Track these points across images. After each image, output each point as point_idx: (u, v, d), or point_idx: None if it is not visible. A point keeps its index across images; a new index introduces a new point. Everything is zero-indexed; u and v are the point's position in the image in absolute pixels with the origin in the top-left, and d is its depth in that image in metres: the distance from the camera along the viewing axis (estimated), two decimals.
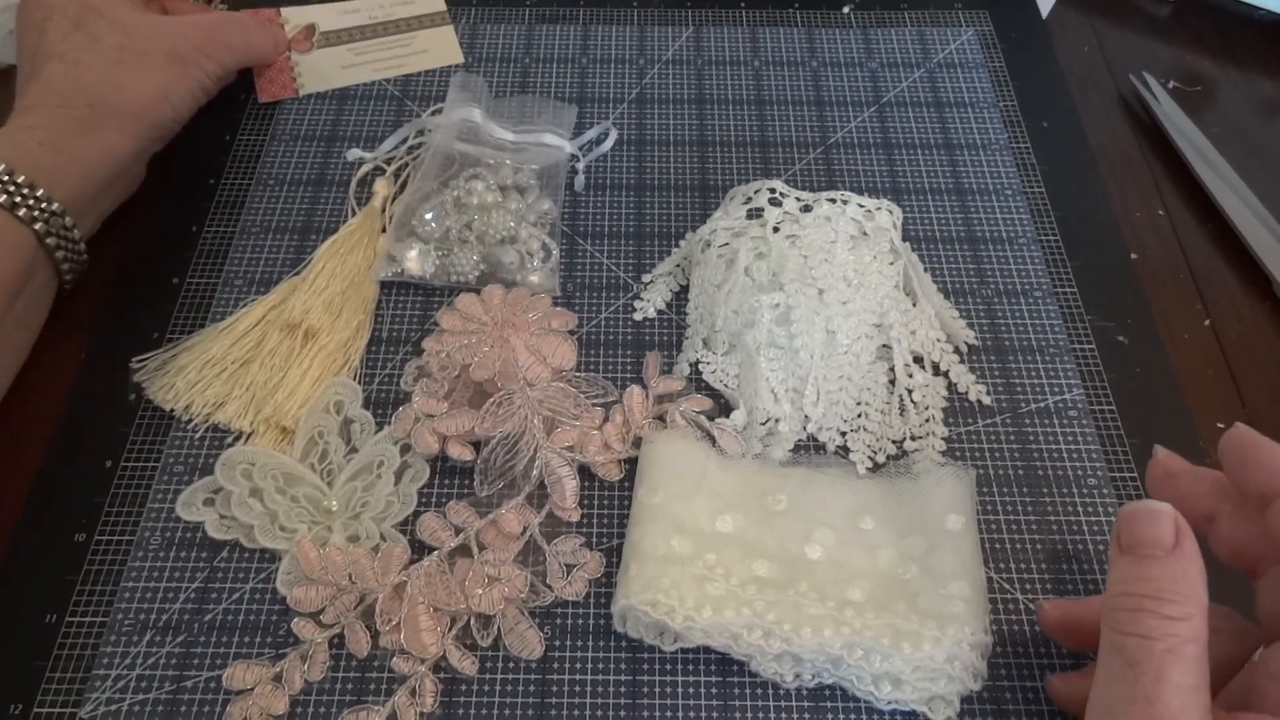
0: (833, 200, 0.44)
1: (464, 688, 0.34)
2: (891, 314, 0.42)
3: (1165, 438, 0.40)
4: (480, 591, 0.36)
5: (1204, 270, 0.48)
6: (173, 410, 0.40)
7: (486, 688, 0.34)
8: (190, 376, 0.41)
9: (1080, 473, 0.39)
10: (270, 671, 0.34)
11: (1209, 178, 0.50)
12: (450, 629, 0.35)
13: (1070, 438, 0.40)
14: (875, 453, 0.40)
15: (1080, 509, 0.38)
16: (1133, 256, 0.47)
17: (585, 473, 0.39)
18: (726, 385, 0.41)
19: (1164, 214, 0.50)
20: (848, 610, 0.34)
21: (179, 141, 0.50)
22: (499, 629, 0.35)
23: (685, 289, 0.45)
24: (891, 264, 0.43)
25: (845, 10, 0.57)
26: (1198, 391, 0.43)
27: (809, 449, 0.40)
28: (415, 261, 0.44)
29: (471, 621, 0.36)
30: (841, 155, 0.50)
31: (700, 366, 0.42)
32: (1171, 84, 0.55)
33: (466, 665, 0.35)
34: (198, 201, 0.48)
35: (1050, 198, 0.49)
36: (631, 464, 0.39)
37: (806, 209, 0.44)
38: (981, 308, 0.44)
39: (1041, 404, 0.41)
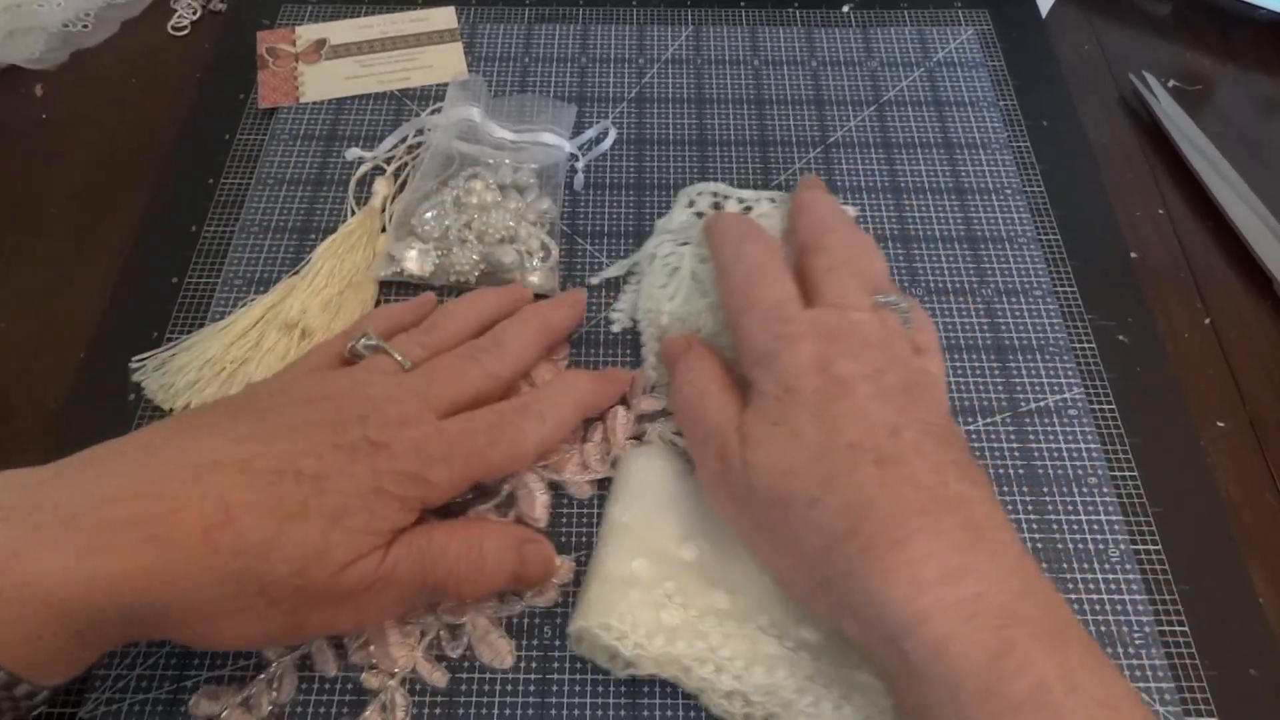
0: (773, 200, 0.45)
1: (437, 699, 0.34)
2: None
3: (1165, 436, 0.41)
4: (449, 602, 0.35)
5: (1204, 269, 0.47)
6: (171, 410, 0.40)
7: (460, 699, 0.34)
8: (189, 376, 0.41)
9: (1080, 472, 0.39)
10: (237, 697, 0.34)
11: (1209, 176, 0.50)
12: (420, 641, 0.35)
13: (1070, 437, 0.40)
14: None
15: (1080, 508, 0.38)
16: (1133, 255, 0.47)
17: (556, 483, 0.39)
18: None
19: (1164, 213, 0.50)
20: (804, 652, 0.33)
21: (178, 140, 0.51)
22: (469, 639, 0.35)
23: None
24: None
25: (845, 9, 0.57)
26: (1198, 390, 0.43)
27: None
28: (415, 261, 0.44)
29: (441, 633, 0.35)
30: (841, 154, 0.50)
31: (651, 375, 0.41)
32: (1171, 83, 0.55)
33: (437, 677, 0.34)
34: (197, 201, 0.48)
35: (1050, 197, 0.49)
36: (604, 482, 0.38)
37: (748, 210, 0.45)
38: (981, 307, 0.44)
39: (1041, 403, 0.41)
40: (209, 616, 0.29)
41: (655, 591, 0.34)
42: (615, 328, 0.43)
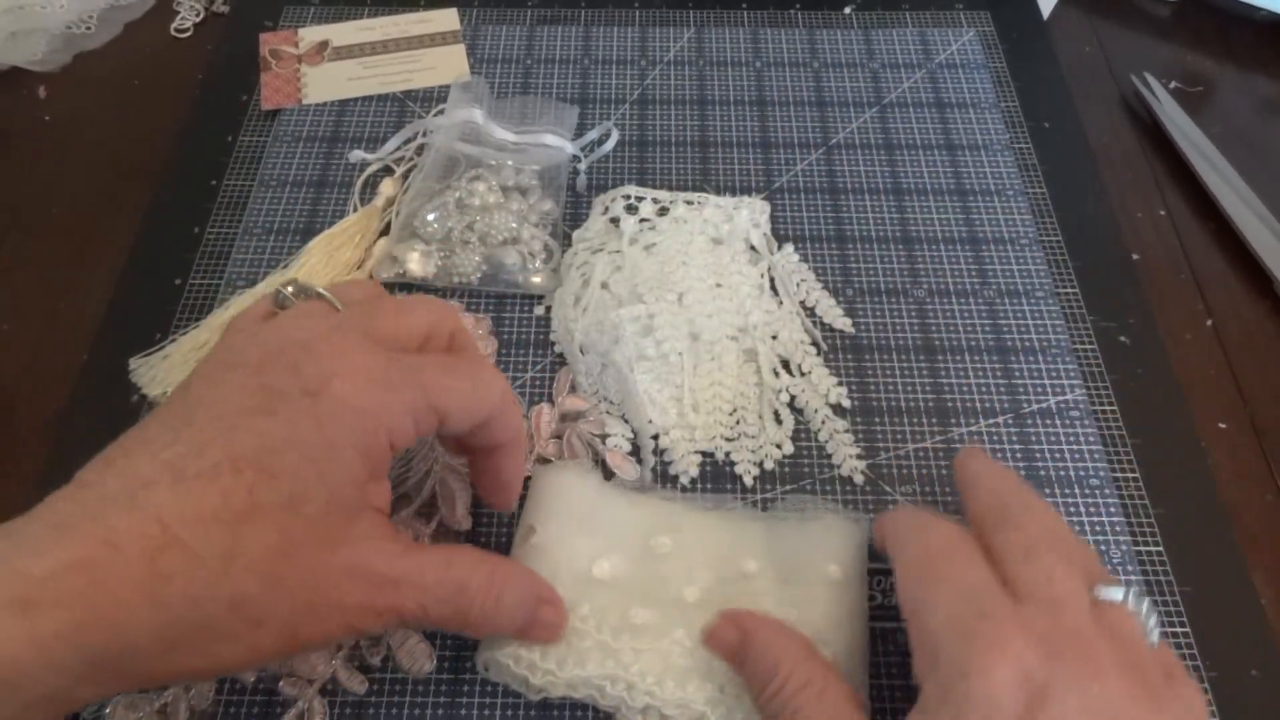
0: (690, 202, 0.45)
1: (357, 707, 0.34)
2: (754, 315, 0.42)
3: (1167, 438, 0.41)
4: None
5: (1205, 270, 0.48)
6: (163, 394, 0.41)
7: (383, 707, 0.34)
8: (174, 361, 0.41)
9: (1082, 473, 0.39)
10: (155, 704, 0.33)
11: (1210, 177, 0.50)
12: (340, 648, 0.34)
13: (1072, 438, 0.40)
14: (762, 460, 0.39)
15: (1082, 509, 0.38)
16: (1134, 256, 0.47)
17: None
18: (611, 401, 0.41)
19: (1165, 214, 0.50)
20: (717, 663, 0.32)
21: (181, 142, 0.51)
22: (389, 646, 0.35)
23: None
24: (753, 264, 0.43)
25: (846, 11, 0.57)
26: (1199, 391, 0.43)
27: (706, 463, 0.39)
28: (417, 263, 0.44)
29: (361, 639, 0.35)
30: (843, 156, 0.50)
31: (583, 383, 0.41)
32: (1172, 84, 0.55)
33: (356, 685, 0.34)
34: (200, 202, 0.48)
35: (1052, 198, 0.49)
36: (526, 481, 0.38)
37: (664, 211, 0.45)
38: (983, 308, 0.44)
39: (1043, 404, 0.41)
40: (189, 652, 0.24)
41: (568, 618, 0.33)
42: (557, 348, 0.43)
